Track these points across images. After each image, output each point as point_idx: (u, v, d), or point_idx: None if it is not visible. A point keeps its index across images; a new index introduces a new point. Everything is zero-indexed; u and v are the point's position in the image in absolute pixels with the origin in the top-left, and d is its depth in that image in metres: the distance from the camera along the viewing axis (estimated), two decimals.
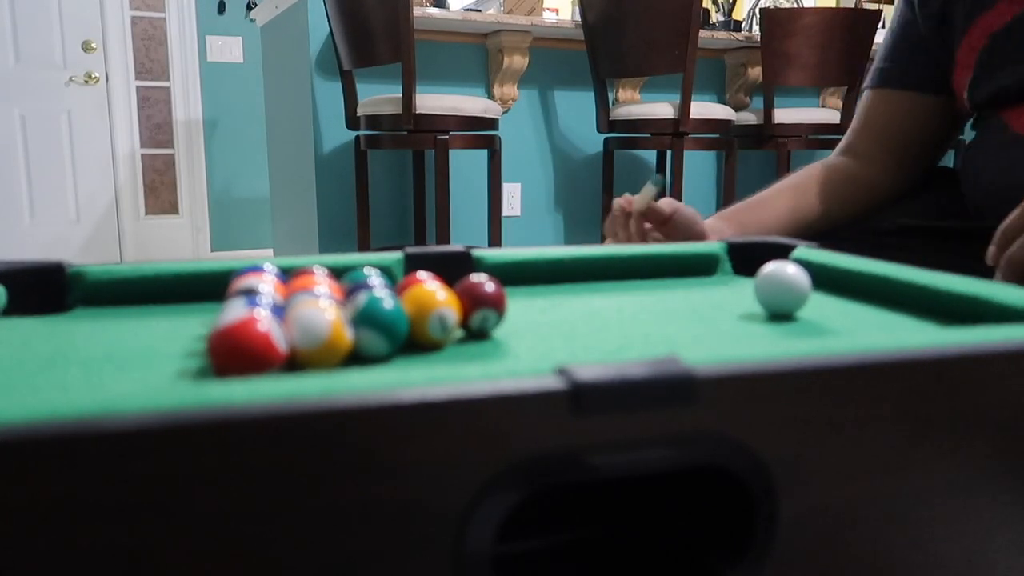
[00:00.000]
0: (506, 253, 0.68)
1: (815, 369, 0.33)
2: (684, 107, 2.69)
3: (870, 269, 0.61)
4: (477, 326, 0.49)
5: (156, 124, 4.65)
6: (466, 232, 3.15)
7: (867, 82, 1.07)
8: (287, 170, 3.25)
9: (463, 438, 0.28)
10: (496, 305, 0.49)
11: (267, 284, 0.50)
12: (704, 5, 3.58)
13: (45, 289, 0.59)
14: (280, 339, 0.39)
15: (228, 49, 4.67)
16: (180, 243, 4.76)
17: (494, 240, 2.73)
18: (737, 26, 3.53)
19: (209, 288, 0.61)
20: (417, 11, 2.64)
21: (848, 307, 0.59)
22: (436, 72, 3.00)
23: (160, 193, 4.71)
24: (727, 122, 2.85)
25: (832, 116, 3.00)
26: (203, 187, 4.71)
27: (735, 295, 0.65)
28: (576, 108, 3.23)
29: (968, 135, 1.03)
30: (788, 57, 2.84)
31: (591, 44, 2.81)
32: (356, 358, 0.44)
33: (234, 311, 0.41)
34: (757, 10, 3.62)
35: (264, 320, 0.39)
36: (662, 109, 2.73)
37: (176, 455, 0.25)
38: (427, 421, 0.28)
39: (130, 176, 4.60)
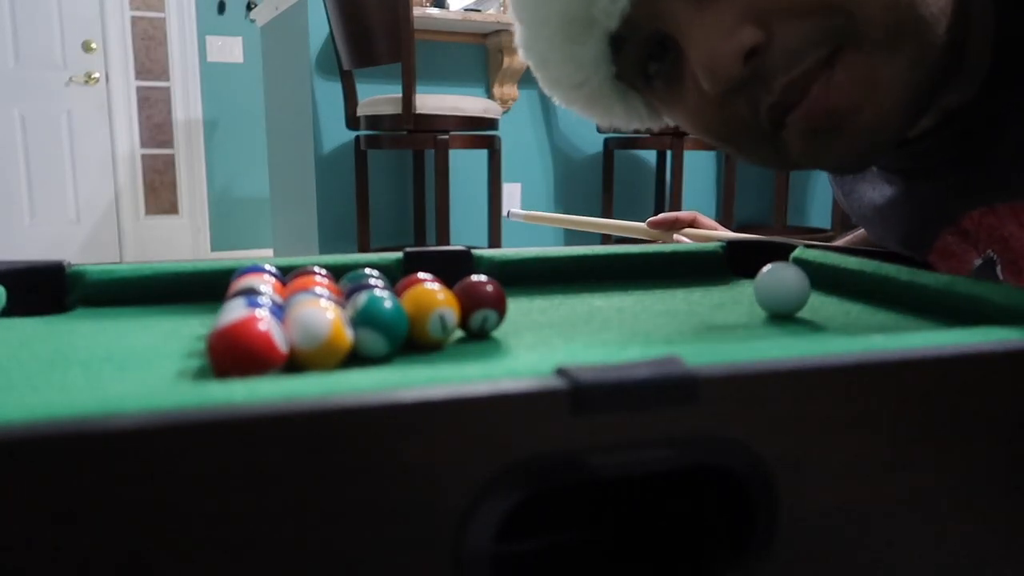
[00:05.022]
0: (506, 253, 0.68)
1: (815, 369, 0.33)
2: None
3: (870, 269, 0.61)
4: (477, 326, 0.49)
5: (156, 124, 4.65)
6: (466, 232, 3.15)
7: None
8: (287, 170, 3.25)
9: (463, 438, 0.28)
10: (496, 305, 0.49)
11: (267, 284, 0.50)
12: None
13: (45, 289, 0.59)
14: (280, 339, 0.39)
15: (228, 49, 4.67)
16: (180, 243, 4.76)
17: (494, 240, 2.73)
18: None
19: (209, 288, 0.61)
20: (417, 11, 2.64)
21: (848, 307, 0.59)
22: (436, 72, 3.00)
23: (160, 193, 4.71)
24: None
25: None
26: (203, 187, 4.71)
27: (735, 295, 0.65)
28: None
29: None
30: None
31: None
32: (356, 358, 0.44)
33: (234, 311, 0.41)
34: None
35: (264, 320, 0.39)
36: None
37: (176, 455, 0.25)
38: (427, 421, 0.28)
39: (130, 176, 4.60)
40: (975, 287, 0.52)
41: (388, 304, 0.44)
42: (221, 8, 4.61)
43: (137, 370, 0.43)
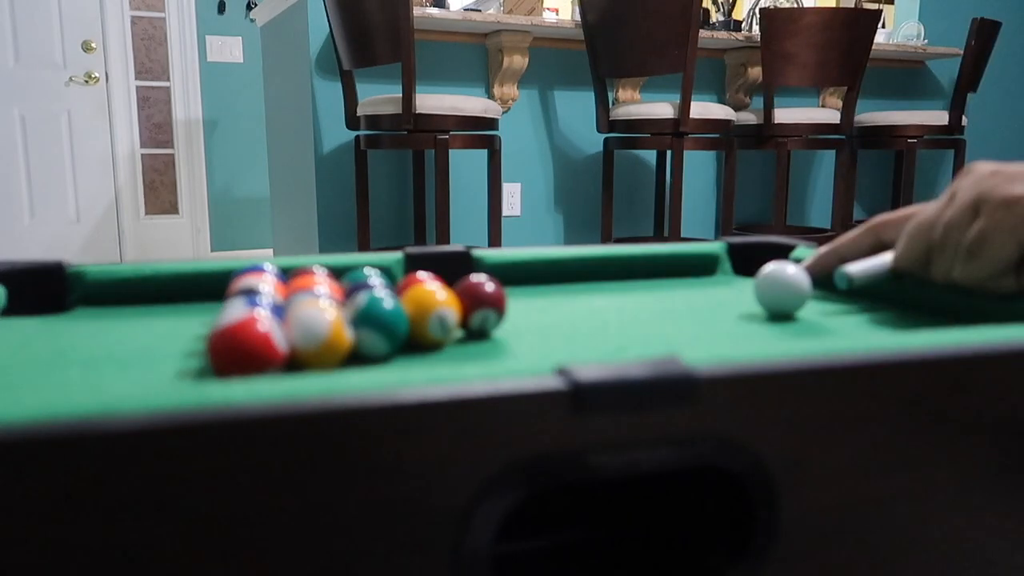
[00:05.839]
0: (506, 253, 0.68)
1: (815, 369, 0.33)
2: (684, 107, 2.69)
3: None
4: (477, 326, 0.49)
5: (156, 124, 4.65)
6: (466, 232, 3.15)
7: None
8: (287, 170, 3.24)
9: (463, 438, 0.28)
10: (496, 305, 0.49)
11: (267, 284, 0.50)
12: (704, 5, 3.57)
13: (45, 289, 0.59)
14: (280, 339, 0.39)
15: (228, 49, 4.67)
16: (180, 243, 4.76)
17: (494, 240, 2.73)
18: (737, 26, 3.53)
19: (209, 288, 0.61)
20: (417, 11, 2.64)
21: (848, 307, 0.59)
22: (436, 72, 3.00)
23: (160, 193, 4.70)
24: (727, 122, 2.84)
25: (832, 116, 3.00)
26: (203, 187, 4.71)
27: (735, 295, 0.65)
28: (576, 108, 3.23)
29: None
30: (788, 57, 2.84)
31: (591, 44, 2.81)
32: (356, 358, 0.44)
33: (234, 311, 0.41)
34: (757, 10, 3.62)
35: (264, 320, 0.39)
36: (662, 109, 2.73)
37: (176, 455, 0.25)
38: (427, 421, 0.28)
39: (130, 176, 4.60)
40: (975, 287, 0.52)
41: (388, 304, 0.44)
42: (221, 8, 4.61)
43: (137, 370, 0.43)
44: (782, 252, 0.73)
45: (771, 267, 0.55)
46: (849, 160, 3.45)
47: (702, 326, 0.54)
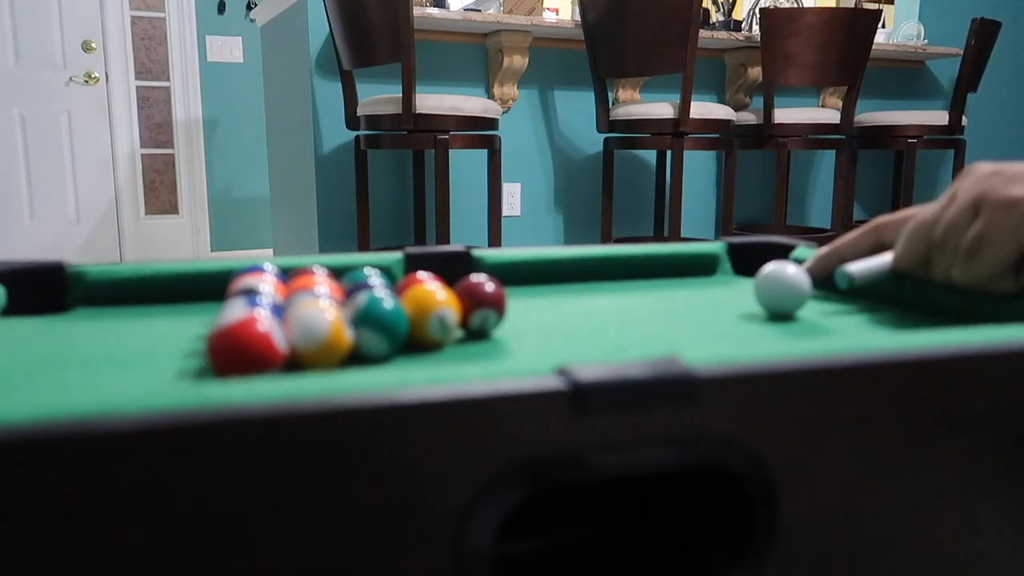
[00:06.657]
0: (506, 253, 0.68)
1: (815, 369, 0.33)
2: (684, 107, 2.68)
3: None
4: (477, 326, 0.49)
5: (156, 124, 4.65)
6: (466, 232, 3.15)
7: None
8: (287, 170, 3.24)
9: (463, 438, 0.28)
10: (496, 305, 0.49)
11: (267, 284, 0.50)
12: (704, 5, 3.57)
13: (45, 289, 0.59)
14: (280, 339, 0.39)
15: (228, 49, 4.67)
16: (180, 243, 4.76)
17: (494, 240, 2.73)
18: (737, 26, 3.53)
19: (209, 288, 0.61)
20: (417, 11, 2.64)
21: (848, 307, 0.59)
22: (436, 72, 3.00)
23: (160, 193, 4.70)
24: (727, 122, 2.84)
25: (832, 116, 3.00)
26: (203, 187, 4.71)
27: (735, 295, 0.65)
28: (576, 108, 3.23)
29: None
30: (788, 57, 2.84)
31: (591, 44, 2.81)
32: (356, 358, 0.44)
33: (234, 311, 0.41)
34: (757, 10, 3.62)
35: (264, 320, 0.39)
36: (662, 109, 2.73)
37: (176, 455, 0.25)
38: (427, 421, 0.28)
39: (130, 176, 4.60)
40: (975, 287, 0.52)
41: (388, 304, 0.44)
42: (221, 8, 4.60)
43: (137, 370, 0.43)
44: (782, 252, 0.73)
45: (771, 267, 0.55)
46: (849, 160, 3.45)
47: (702, 326, 0.54)
